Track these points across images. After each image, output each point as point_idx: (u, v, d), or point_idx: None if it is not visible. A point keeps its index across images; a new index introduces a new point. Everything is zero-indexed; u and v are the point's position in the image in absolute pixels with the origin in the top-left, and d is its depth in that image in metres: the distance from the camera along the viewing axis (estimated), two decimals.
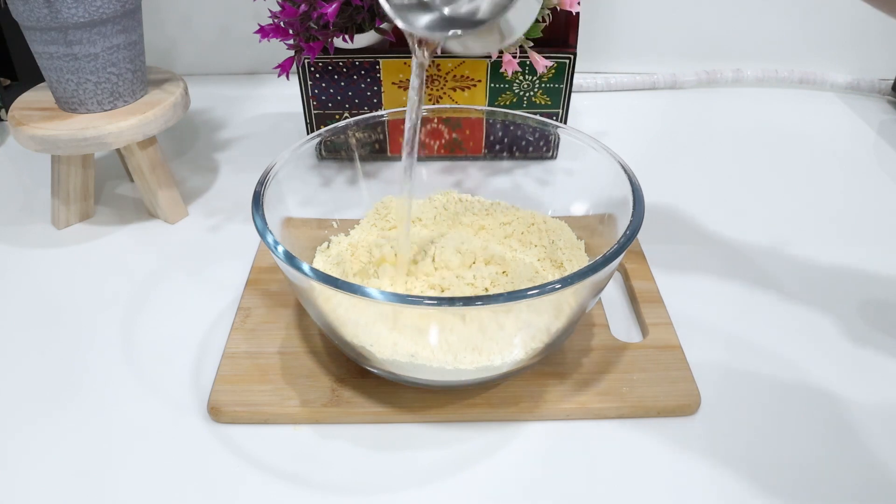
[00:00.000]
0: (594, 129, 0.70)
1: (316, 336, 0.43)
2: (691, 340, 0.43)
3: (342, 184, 0.50)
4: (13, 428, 0.39)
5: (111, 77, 0.50)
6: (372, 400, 0.39)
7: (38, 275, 0.50)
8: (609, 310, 0.46)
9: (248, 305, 0.46)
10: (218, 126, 0.71)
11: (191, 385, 0.41)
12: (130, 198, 0.59)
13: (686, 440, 0.38)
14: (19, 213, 0.57)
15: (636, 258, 0.50)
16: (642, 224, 0.37)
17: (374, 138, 0.50)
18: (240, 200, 0.59)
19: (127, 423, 0.39)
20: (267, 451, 0.37)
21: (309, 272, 0.33)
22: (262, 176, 0.40)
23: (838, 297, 0.47)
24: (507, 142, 0.54)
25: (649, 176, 0.47)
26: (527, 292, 0.32)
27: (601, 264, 0.34)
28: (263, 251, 0.50)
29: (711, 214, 0.56)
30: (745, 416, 0.39)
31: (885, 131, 0.70)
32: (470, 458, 0.37)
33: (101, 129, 0.49)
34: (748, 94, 0.78)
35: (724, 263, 0.51)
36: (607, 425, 0.39)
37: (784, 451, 0.37)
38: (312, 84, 0.59)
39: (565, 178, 0.50)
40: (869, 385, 0.41)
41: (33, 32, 0.48)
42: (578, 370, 0.41)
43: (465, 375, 0.37)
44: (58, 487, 0.36)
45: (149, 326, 0.46)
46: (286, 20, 0.52)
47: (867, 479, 0.36)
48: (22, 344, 0.44)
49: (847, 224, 0.55)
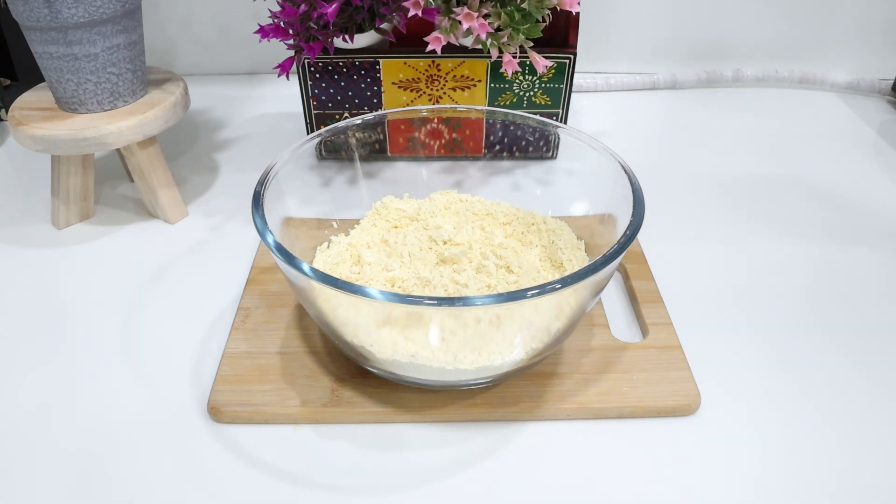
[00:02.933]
0: (594, 129, 0.70)
1: (316, 336, 0.43)
2: (691, 340, 0.43)
3: (342, 184, 0.50)
4: (13, 427, 0.39)
5: (111, 77, 0.50)
6: (372, 400, 0.39)
7: (38, 275, 0.50)
8: (609, 310, 0.46)
9: (248, 305, 0.46)
10: (218, 126, 0.71)
11: (191, 385, 0.41)
12: (130, 198, 0.59)
13: (686, 440, 0.38)
14: (19, 213, 0.57)
15: (636, 258, 0.50)
16: (642, 224, 0.37)
17: (374, 138, 0.50)
18: (240, 200, 0.59)
19: (127, 423, 0.39)
20: (267, 451, 0.37)
21: (309, 272, 0.33)
22: (262, 176, 0.40)
23: (838, 297, 0.47)
24: (507, 142, 0.54)
25: (649, 176, 0.47)
26: (527, 292, 0.32)
27: (601, 264, 0.34)
28: (263, 251, 0.50)
29: (711, 214, 0.56)
30: (745, 416, 0.39)
31: (885, 131, 0.70)
32: (470, 458, 0.37)
33: (101, 129, 0.49)
34: (748, 94, 0.78)
35: (724, 263, 0.51)
36: (607, 425, 0.39)
37: (784, 450, 0.37)
38: (312, 84, 0.59)
39: (565, 178, 0.50)
40: (869, 385, 0.41)
41: (33, 32, 0.48)
42: (578, 370, 0.41)
43: (465, 375, 0.37)
44: (58, 487, 0.36)
45: (149, 326, 0.46)
46: (286, 20, 0.52)
47: (867, 478, 0.36)
48: (22, 344, 0.44)
49: (847, 224, 0.55)
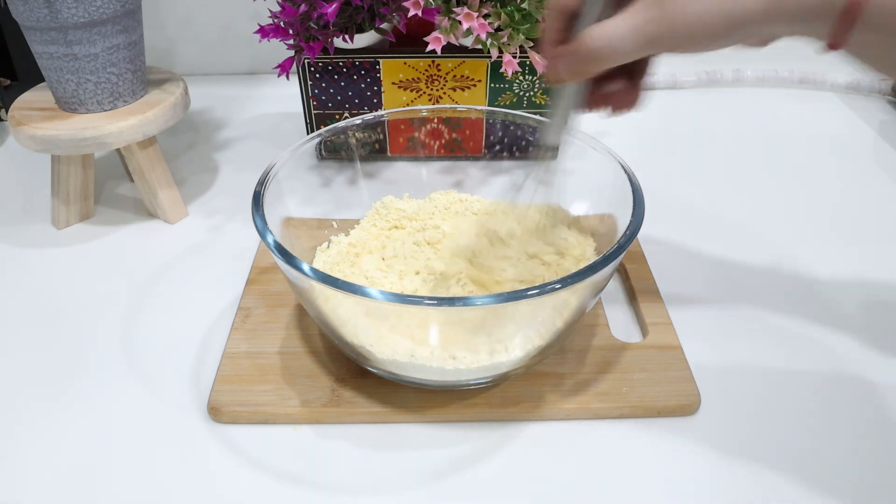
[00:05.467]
0: (594, 129, 0.70)
1: (316, 336, 0.43)
2: (691, 340, 0.43)
3: (342, 184, 0.50)
4: (14, 427, 0.39)
5: (111, 77, 0.50)
6: (372, 400, 0.39)
7: (38, 275, 0.50)
8: (609, 310, 0.46)
9: (248, 305, 0.45)
10: (218, 126, 0.71)
11: (191, 385, 0.41)
12: (130, 198, 0.59)
13: (686, 440, 0.38)
14: (19, 213, 0.57)
15: (636, 258, 0.50)
16: (642, 224, 0.37)
17: (374, 138, 0.50)
18: (240, 200, 0.59)
19: (127, 423, 0.39)
20: (267, 451, 0.37)
21: (309, 272, 0.33)
22: (262, 176, 0.40)
23: (838, 297, 0.47)
24: (507, 142, 0.55)
25: (649, 176, 0.46)
26: (527, 292, 0.32)
27: (601, 264, 0.34)
28: (263, 251, 0.50)
29: (711, 214, 0.56)
30: (745, 416, 0.39)
31: (885, 131, 0.70)
32: (470, 458, 0.37)
33: (101, 129, 0.49)
34: (748, 94, 0.78)
35: (724, 263, 0.51)
36: (607, 425, 0.39)
37: (784, 450, 0.37)
38: (312, 84, 0.59)
39: (565, 178, 0.50)
40: (868, 385, 0.41)
41: (33, 32, 0.48)
42: (578, 370, 0.41)
43: (464, 375, 0.37)
44: (58, 486, 0.36)
45: (149, 326, 0.46)
46: (286, 20, 0.52)
47: (867, 476, 0.36)
48: (22, 344, 0.44)
49: (847, 224, 0.55)
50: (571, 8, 0.33)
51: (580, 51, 0.32)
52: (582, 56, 0.32)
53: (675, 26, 0.30)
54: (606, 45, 0.31)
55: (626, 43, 0.31)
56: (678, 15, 0.30)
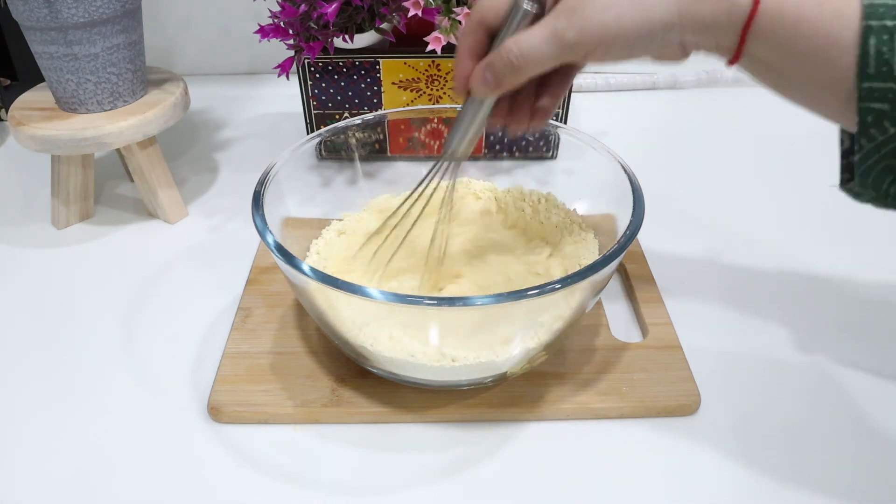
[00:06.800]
0: (594, 129, 0.70)
1: (315, 336, 0.43)
2: (691, 340, 0.43)
3: (342, 184, 0.50)
4: (14, 427, 0.39)
5: (111, 77, 0.50)
6: (372, 400, 0.39)
7: (38, 275, 0.50)
8: (609, 310, 0.46)
9: (248, 305, 0.45)
10: (218, 126, 0.71)
11: (191, 385, 0.41)
12: (130, 198, 0.59)
13: (686, 440, 0.38)
14: (19, 213, 0.57)
15: (636, 258, 0.49)
16: (642, 224, 0.37)
17: (374, 138, 0.50)
18: (240, 200, 0.59)
19: (127, 423, 0.39)
20: (267, 451, 0.37)
21: (309, 272, 0.33)
22: (262, 176, 0.40)
23: (837, 297, 0.47)
24: (507, 142, 0.55)
25: (649, 176, 0.46)
26: (527, 292, 0.32)
27: (601, 264, 0.34)
28: (263, 251, 0.50)
29: (711, 214, 0.56)
30: (745, 416, 0.39)
31: None
32: (470, 458, 0.37)
33: (101, 129, 0.49)
34: (748, 94, 0.77)
35: (725, 264, 0.51)
36: (607, 425, 0.39)
37: (783, 450, 0.37)
38: (312, 84, 0.59)
39: (565, 178, 0.50)
40: (867, 385, 0.41)
41: (33, 32, 0.48)
42: (578, 370, 0.41)
43: (464, 375, 0.37)
44: (58, 486, 0.36)
45: (149, 326, 0.46)
46: (286, 20, 0.52)
47: (867, 477, 0.36)
48: (22, 344, 0.44)
49: (847, 224, 0.55)
50: (491, 23, 0.33)
51: (501, 60, 0.32)
52: (502, 66, 0.32)
53: (590, 32, 0.30)
54: (526, 54, 0.32)
55: (543, 51, 0.31)
56: (591, 20, 0.30)
